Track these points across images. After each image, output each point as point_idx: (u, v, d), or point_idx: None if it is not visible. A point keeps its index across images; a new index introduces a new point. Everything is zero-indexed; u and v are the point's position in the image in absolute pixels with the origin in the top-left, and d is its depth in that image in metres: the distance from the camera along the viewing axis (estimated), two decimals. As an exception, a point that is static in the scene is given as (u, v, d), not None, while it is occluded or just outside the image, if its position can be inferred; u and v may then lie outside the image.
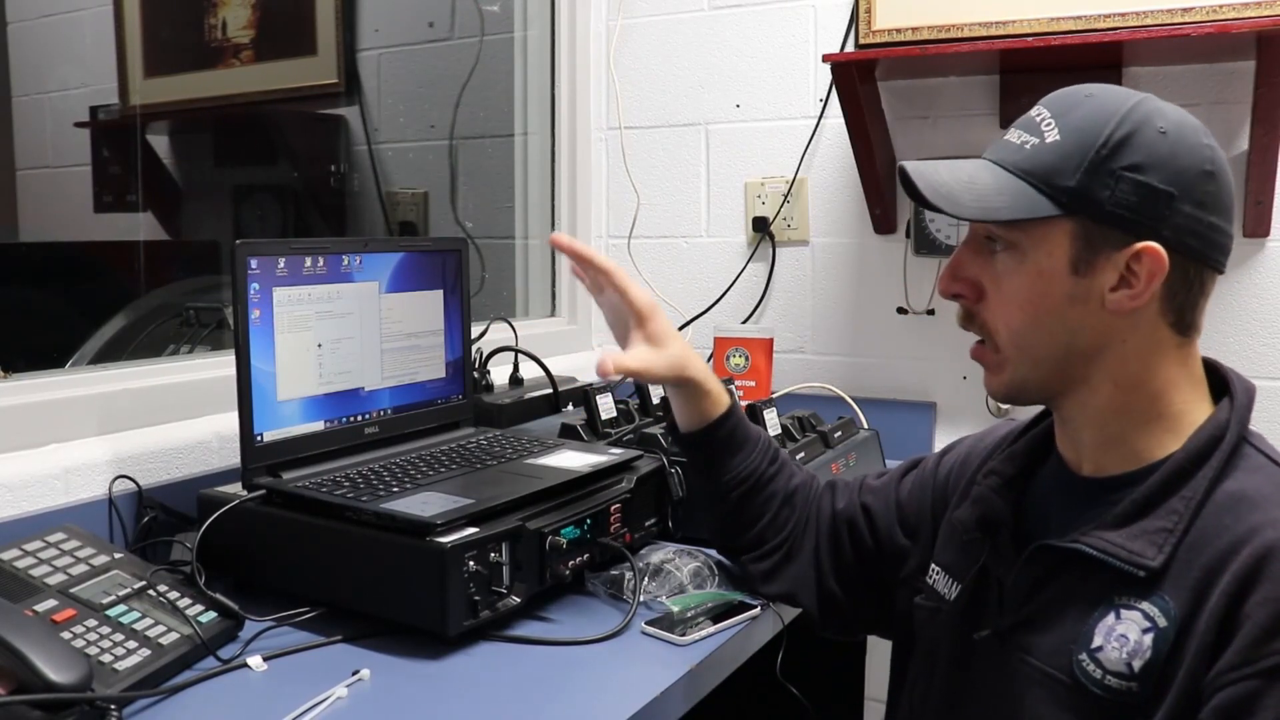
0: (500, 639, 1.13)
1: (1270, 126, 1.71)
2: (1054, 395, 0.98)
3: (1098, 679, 0.88)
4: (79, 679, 0.90)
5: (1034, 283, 0.93)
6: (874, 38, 1.90)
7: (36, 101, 2.20)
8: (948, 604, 1.05)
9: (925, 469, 1.20)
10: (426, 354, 1.47)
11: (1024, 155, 0.93)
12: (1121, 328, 0.93)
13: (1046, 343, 0.95)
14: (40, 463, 1.26)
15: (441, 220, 2.40)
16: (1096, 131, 0.90)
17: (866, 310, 2.13)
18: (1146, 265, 0.90)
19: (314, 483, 1.23)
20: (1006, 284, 0.95)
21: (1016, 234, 0.93)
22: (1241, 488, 0.88)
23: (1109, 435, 0.95)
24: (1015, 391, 0.99)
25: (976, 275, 0.98)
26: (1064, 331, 0.94)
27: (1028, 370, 0.96)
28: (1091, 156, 0.90)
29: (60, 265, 1.98)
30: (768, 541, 1.24)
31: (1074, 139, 0.91)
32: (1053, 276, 0.93)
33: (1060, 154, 0.91)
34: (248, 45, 2.30)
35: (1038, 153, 0.92)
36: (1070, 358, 0.94)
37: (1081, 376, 0.95)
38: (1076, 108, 0.93)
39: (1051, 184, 0.91)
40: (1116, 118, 0.90)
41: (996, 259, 0.96)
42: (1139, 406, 0.94)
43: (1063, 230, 0.92)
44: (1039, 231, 0.92)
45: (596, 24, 2.34)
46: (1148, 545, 0.88)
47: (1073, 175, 0.90)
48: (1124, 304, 0.91)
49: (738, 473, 1.25)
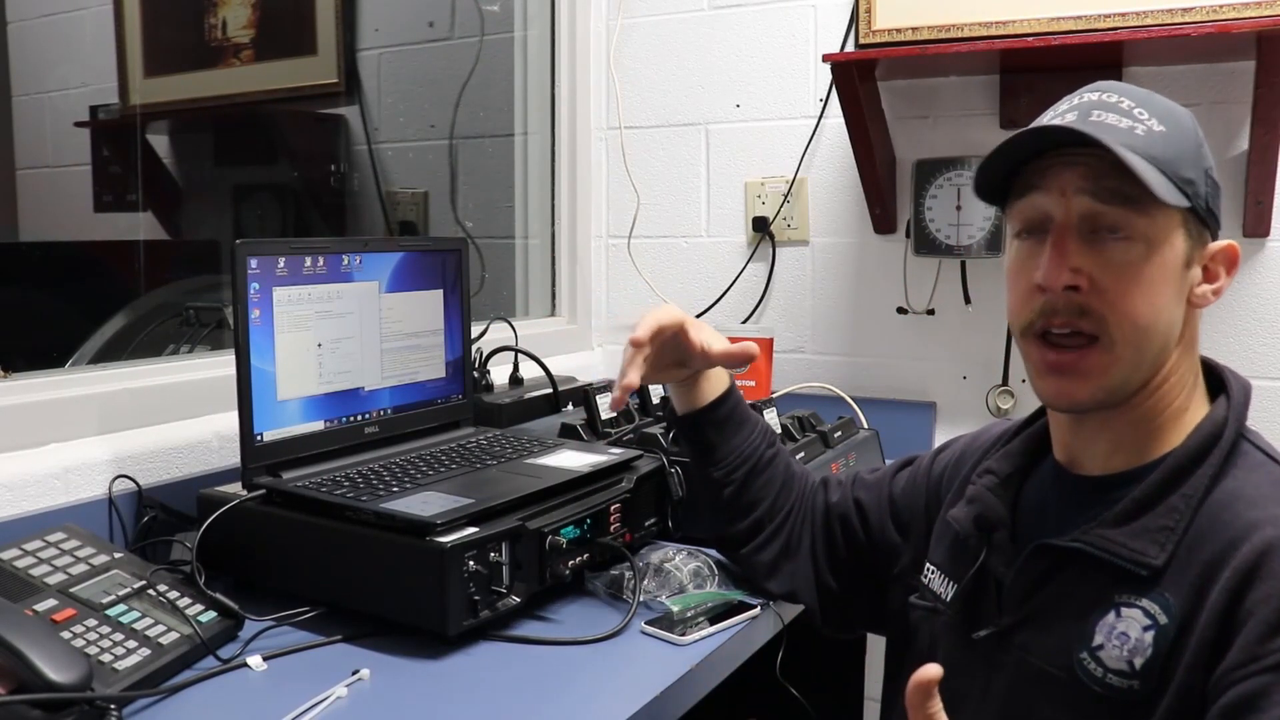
0: (500, 639, 1.13)
1: (1270, 126, 1.71)
2: (1125, 400, 0.93)
3: (1099, 677, 0.88)
4: (79, 679, 0.90)
5: (1160, 274, 0.90)
6: (874, 37, 1.90)
7: (36, 101, 2.20)
8: (945, 604, 1.05)
9: (919, 466, 1.21)
10: (426, 354, 1.47)
11: (1141, 141, 0.89)
12: (1193, 323, 0.95)
13: (1160, 340, 0.92)
14: (40, 462, 1.26)
15: (441, 220, 2.40)
16: (1188, 126, 0.92)
17: (866, 310, 2.13)
18: (1224, 261, 0.93)
19: (314, 482, 1.23)
20: (1131, 275, 0.90)
21: (1145, 222, 0.90)
22: (1240, 485, 0.89)
23: (1124, 436, 0.95)
24: (1109, 396, 0.92)
25: (1089, 266, 0.90)
26: (1172, 328, 0.92)
27: (1131, 371, 0.92)
28: (1195, 151, 0.91)
29: (60, 265, 1.98)
30: (765, 528, 1.24)
31: (1177, 131, 0.91)
32: (1174, 269, 0.91)
33: (1173, 145, 0.90)
34: (248, 45, 2.30)
35: (1153, 141, 0.90)
36: (1166, 354, 0.93)
37: (1159, 378, 0.93)
38: (1149, 98, 0.93)
39: (1177, 174, 0.89)
40: (1188, 114, 0.93)
41: (1110, 249, 0.90)
42: (1154, 405, 0.94)
43: (1177, 222, 0.91)
44: (1166, 222, 0.90)
45: (596, 24, 2.34)
46: (1149, 543, 0.88)
47: (1190, 167, 0.90)
48: (1208, 299, 0.93)
49: (739, 453, 1.25)
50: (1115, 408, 0.94)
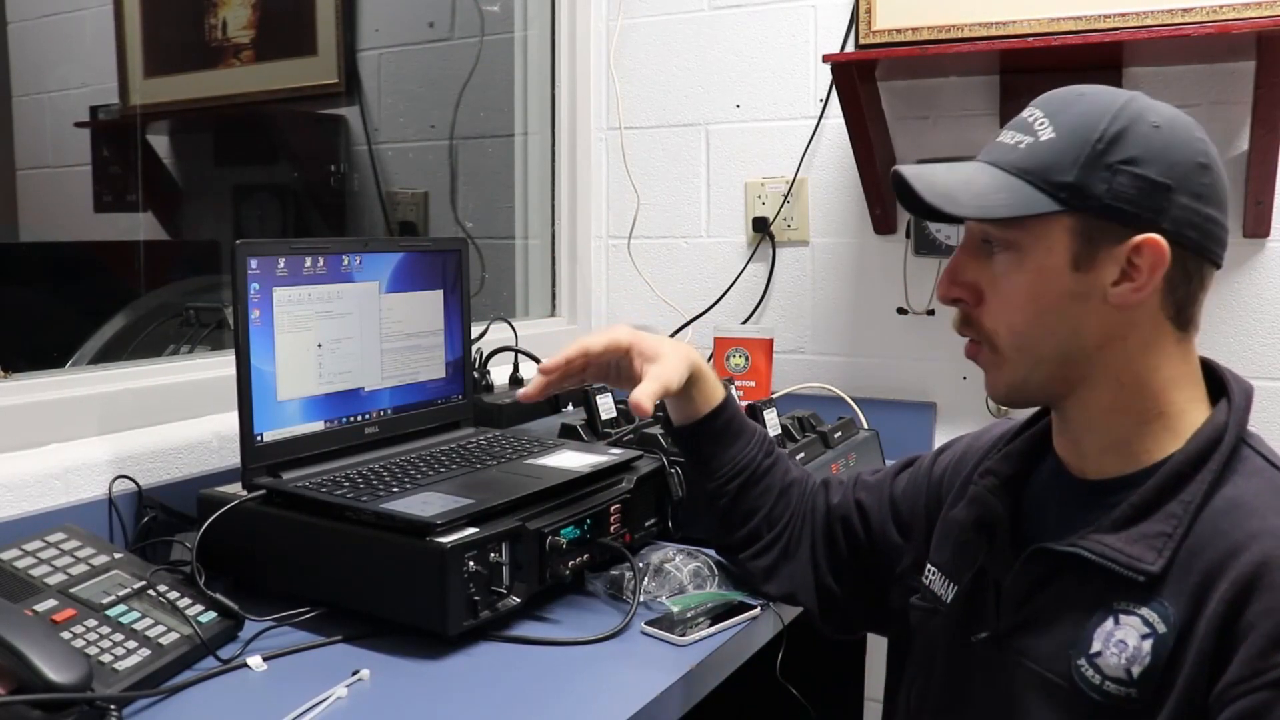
0: (500, 639, 1.13)
1: (1270, 126, 1.71)
2: (1056, 395, 0.98)
3: (1096, 684, 0.88)
4: (79, 679, 0.90)
5: (1034, 281, 0.93)
6: (874, 38, 1.90)
7: (36, 101, 2.20)
8: (945, 605, 1.05)
9: (920, 467, 1.20)
10: (426, 354, 1.47)
11: (1019, 154, 0.93)
12: (1123, 323, 0.92)
13: (1049, 342, 0.94)
14: (40, 463, 1.26)
15: (441, 220, 2.40)
16: (1091, 126, 0.90)
17: (866, 310, 2.13)
18: (1148, 257, 0.89)
19: (314, 483, 1.23)
20: (1005, 284, 0.94)
21: (1015, 233, 0.93)
22: (1240, 493, 0.88)
23: (1110, 437, 0.95)
24: (1015, 392, 0.98)
25: (975, 279, 0.97)
26: (1066, 329, 0.93)
27: (1028, 370, 0.96)
28: (1088, 151, 0.90)
29: (60, 265, 1.98)
30: (762, 537, 1.24)
31: (1069, 135, 0.91)
32: (1054, 274, 0.92)
33: (1056, 151, 0.91)
34: (248, 45, 2.30)
35: (1033, 151, 0.92)
36: (1072, 356, 0.94)
37: (1083, 376, 0.94)
38: (1070, 106, 0.93)
39: (1049, 180, 0.91)
40: (1110, 113, 0.90)
41: (994, 261, 0.95)
42: (1139, 406, 0.94)
43: (1062, 227, 0.91)
44: (1038, 229, 0.92)
45: (596, 24, 2.34)
46: (1147, 549, 0.88)
47: (1070, 170, 0.90)
48: (1128, 297, 0.91)
49: (735, 464, 1.24)
50: (1062, 402, 0.97)
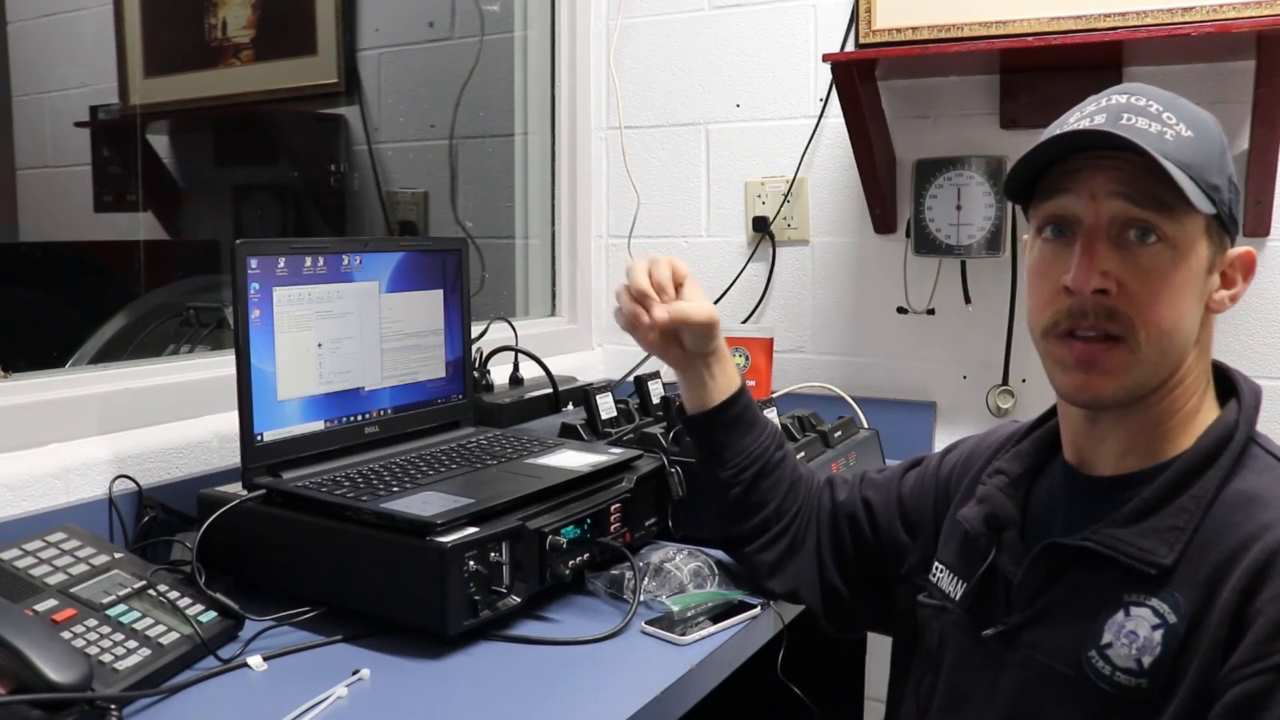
0: (500, 639, 1.13)
1: (1270, 126, 1.71)
2: (1141, 400, 0.94)
3: (1107, 675, 0.88)
4: (79, 679, 0.90)
5: (1186, 280, 0.91)
6: (874, 37, 1.90)
7: (36, 101, 2.20)
8: (954, 603, 1.05)
9: (927, 467, 1.21)
10: (426, 354, 1.47)
11: (1170, 146, 0.89)
12: (1207, 328, 0.95)
13: (1181, 344, 0.92)
14: (40, 462, 1.26)
15: (441, 220, 2.39)
16: (1214, 132, 0.92)
17: (866, 310, 2.13)
18: (1240, 267, 0.94)
19: (314, 482, 1.23)
20: (1160, 280, 0.90)
21: (1175, 228, 0.90)
22: (1251, 487, 0.89)
23: (1137, 437, 0.95)
24: (1130, 394, 0.93)
25: (1117, 269, 0.90)
26: (1192, 333, 0.93)
27: (1154, 369, 0.92)
28: (1218, 157, 0.91)
29: (60, 265, 1.98)
30: (771, 528, 1.24)
31: (1203, 136, 0.91)
32: (1199, 274, 0.92)
33: (1201, 150, 0.90)
34: (248, 45, 2.30)
35: (1182, 146, 0.89)
36: (1183, 359, 0.93)
37: (1174, 378, 0.94)
38: (1176, 103, 0.92)
39: (1204, 180, 0.90)
40: (1215, 120, 0.92)
41: (1141, 253, 0.90)
42: (1167, 406, 0.95)
43: (1202, 228, 0.91)
44: (1193, 228, 0.91)
45: (596, 24, 2.34)
46: (1159, 543, 0.89)
47: (1215, 173, 0.90)
48: (1224, 305, 0.94)
49: (749, 454, 1.24)
50: (1130, 407, 0.94)
